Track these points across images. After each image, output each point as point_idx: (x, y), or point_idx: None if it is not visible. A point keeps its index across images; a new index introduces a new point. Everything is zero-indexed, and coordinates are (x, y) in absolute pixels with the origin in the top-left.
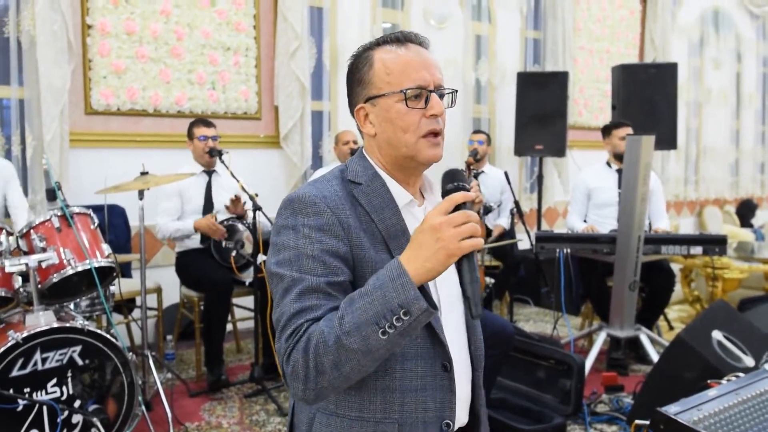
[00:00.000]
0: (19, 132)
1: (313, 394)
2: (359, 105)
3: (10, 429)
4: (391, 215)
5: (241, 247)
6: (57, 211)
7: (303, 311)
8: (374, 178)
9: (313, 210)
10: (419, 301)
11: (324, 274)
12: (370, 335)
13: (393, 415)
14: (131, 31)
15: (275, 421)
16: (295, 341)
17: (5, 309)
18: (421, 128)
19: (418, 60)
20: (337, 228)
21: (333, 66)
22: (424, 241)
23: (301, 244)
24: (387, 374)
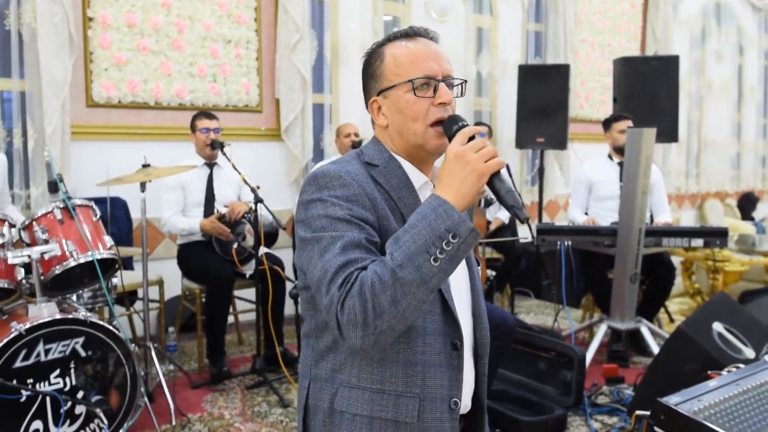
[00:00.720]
0: (20, 125)
1: (373, 338)
2: (372, 98)
3: (14, 420)
4: (409, 195)
5: (243, 239)
6: (59, 203)
7: (349, 262)
8: (390, 161)
9: (339, 182)
10: (465, 222)
11: (361, 233)
12: (423, 264)
13: (414, 389)
14: (132, 23)
15: (277, 412)
16: (347, 288)
17: (8, 301)
18: (429, 117)
19: (426, 52)
20: (364, 199)
21: (334, 59)
22: (452, 169)
23: (331, 212)
24: (409, 347)
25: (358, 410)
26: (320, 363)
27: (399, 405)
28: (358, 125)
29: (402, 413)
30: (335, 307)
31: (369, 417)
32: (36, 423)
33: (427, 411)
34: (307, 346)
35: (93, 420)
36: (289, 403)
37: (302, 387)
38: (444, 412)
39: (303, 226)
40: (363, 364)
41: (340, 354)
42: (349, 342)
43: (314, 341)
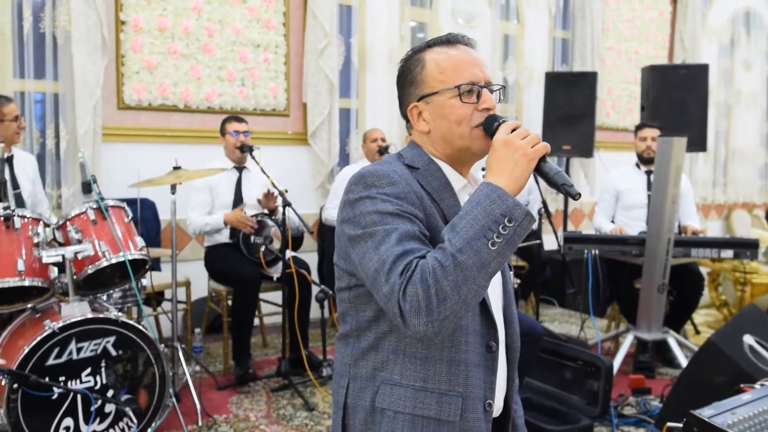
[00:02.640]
0: (53, 126)
1: (437, 324)
2: (412, 104)
3: (46, 416)
4: (449, 197)
5: (270, 242)
6: (92, 203)
7: (407, 252)
8: (430, 163)
9: (387, 181)
10: (519, 206)
11: (414, 225)
12: (481, 248)
13: (458, 388)
14: (163, 27)
15: (302, 416)
16: (408, 276)
17: (41, 299)
18: (474, 120)
19: (468, 58)
20: (412, 196)
21: (361, 64)
22: (501, 156)
23: (381, 207)
24: (453, 346)
25: (400, 407)
26: (360, 362)
27: (442, 403)
28: (384, 130)
29: (445, 411)
30: (397, 295)
31: (411, 414)
32: (67, 420)
33: (469, 410)
34: (346, 345)
35: (122, 419)
36: (314, 407)
37: (340, 386)
38: (481, 413)
39: (351, 225)
40: (406, 362)
41: (382, 352)
42: (412, 329)
43: (354, 340)
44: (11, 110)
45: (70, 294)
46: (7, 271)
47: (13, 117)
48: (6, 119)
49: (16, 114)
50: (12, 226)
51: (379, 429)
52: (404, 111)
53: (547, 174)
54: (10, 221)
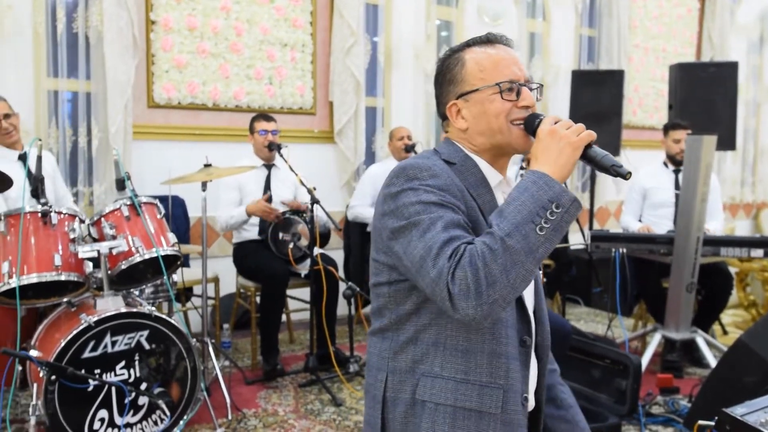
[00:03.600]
0: (85, 124)
1: (487, 308)
2: (451, 102)
3: (82, 408)
4: (486, 192)
5: (298, 239)
6: (126, 200)
7: (453, 238)
8: (466, 159)
9: (429, 173)
10: (567, 193)
11: (457, 215)
12: (529, 233)
13: (499, 380)
14: (193, 26)
15: (330, 411)
16: (457, 260)
17: (77, 293)
18: (512, 116)
19: (507, 57)
20: (454, 189)
21: (387, 62)
22: (546, 146)
23: (424, 198)
24: (494, 338)
25: (441, 399)
26: (399, 355)
27: (483, 395)
28: (410, 129)
29: (486, 404)
30: (446, 278)
31: (452, 406)
32: (102, 412)
33: (510, 402)
34: (384, 339)
35: (155, 411)
36: (342, 402)
37: (377, 380)
38: (520, 406)
39: (393, 217)
40: (446, 355)
41: (422, 345)
42: (461, 312)
43: (393, 334)
44: None
45: (105, 289)
46: (44, 266)
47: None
48: None
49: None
50: (49, 222)
51: (420, 421)
52: (442, 109)
53: (594, 158)
54: (47, 217)
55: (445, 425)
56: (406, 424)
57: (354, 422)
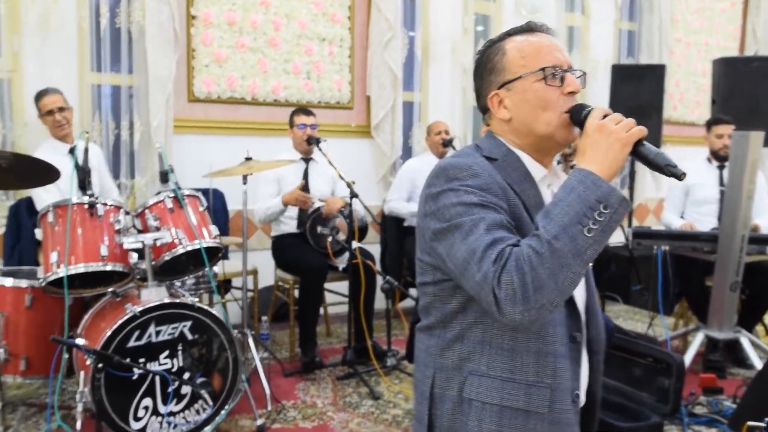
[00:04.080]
0: (128, 118)
1: (535, 313)
2: (493, 92)
3: (127, 396)
4: (530, 187)
5: (336, 233)
6: (170, 192)
7: (498, 240)
8: (508, 154)
9: (469, 173)
10: (615, 193)
11: (500, 215)
12: (577, 235)
13: (546, 379)
14: (232, 21)
15: (368, 404)
16: (503, 264)
17: (121, 284)
18: (559, 106)
19: (549, 43)
20: (495, 188)
21: (425, 57)
22: (595, 142)
23: (465, 199)
24: (540, 336)
25: (488, 398)
26: (446, 353)
27: (530, 394)
28: (447, 123)
29: (533, 403)
30: (491, 283)
31: (499, 405)
32: (146, 400)
33: (557, 402)
34: (431, 336)
35: (197, 401)
36: (380, 396)
37: (425, 377)
38: (569, 404)
39: (435, 218)
40: (492, 353)
41: (468, 343)
42: (508, 318)
43: (440, 332)
44: (44, 104)
45: (149, 279)
46: (91, 257)
47: (47, 111)
48: (41, 113)
49: (50, 108)
50: (96, 213)
51: (467, 419)
52: (483, 101)
53: (646, 157)
54: (94, 208)
55: (492, 424)
56: (453, 420)
57: (392, 416)
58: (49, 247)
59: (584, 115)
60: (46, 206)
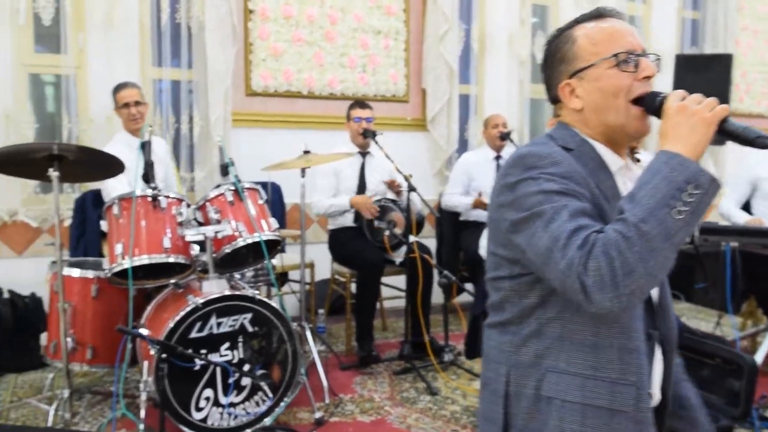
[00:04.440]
0: (187, 112)
1: (625, 300)
2: (564, 82)
3: (188, 386)
4: (607, 178)
5: (393, 227)
6: (230, 185)
7: (583, 227)
8: (583, 143)
9: (550, 160)
10: (704, 173)
11: (583, 203)
12: (665, 218)
13: (630, 377)
14: (289, 15)
15: (425, 400)
16: (588, 249)
17: (183, 275)
18: (633, 91)
19: (621, 28)
20: (577, 176)
21: (481, 49)
22: (677, 124)
23: (546, 187)
24: (624, 332)
25: (569, 396)
26: (522, 349)
27: (615, 392)
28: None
29: (618, 401)
30: (577, 269)
31: (581, 404)
32: (207, 391)
33: (642, 400)
34: (504, 333)
35: (257, 392)
36: (437, 391)
37: (498, 375)
38: (648, 402)
39: (513, 209)
40: (573, 349)
41: (546, 339)
42: (597, 305)
43: (516, 327)
44: (121, 97)
45: (210, 271)
46: (154, 248)
47: (123, 104)
48: (117, 105)
49: (126, 101)
50: (158, 205)
51: (545, 418)
52: (553, 92)
53: (734, 133)
54: (156, 201)
55: (574, 423)
56: (529, 419)
57: (450, 412)
58: (114, 239)
59: (658, 101)
60: (112, 199)
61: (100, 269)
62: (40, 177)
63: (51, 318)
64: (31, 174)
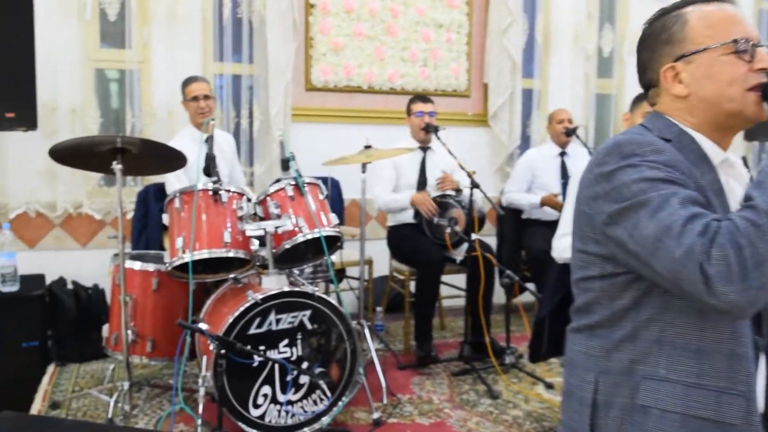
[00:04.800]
0: (248, 107)
1: (753, 293)
2: (667, 65)
3: (247, 383)
4: (708, 171)
5: (455, 224)
6: (290, 180)
7: (698, 214)
8: (682, 134)
9: (651, 148)
10: None
11: (693, 192)
12: None
13: (740, 386)
14: (350, 9)
15: (486, 403)
16: (711, 237)
17: (242, 270)
18: (748, 81)
19: (737, 14)
20: (682, 165)
21: (545, 43)
22: None
23: (650, 174)
24: (734, 336)
25: (669, 406)
26: (614, 354)
27: (722, 403)
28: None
29: (725, 413)
30: (697, 258)
31: (683, 414)
32: (265, 388)
33: (752, 412)
34: (592, 337)
35: (315, 391)
36: (498, 395)
37: (585, 382)
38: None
39: (609, 199)
40: (673, 354)
41: (641, 343)
42: (720, 298)
43: (606, 331)
44: (191, 90)
45: (270, 267)
46: (214, 243)
47: (192, 97)
48: (186, 98)
49: (196, 94)
50: (219, 199)
51: (641, 429)
52: (650, 75)
53: None
54: (217, 195)
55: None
56: (621, 430)
57: (512, 417)
58: (175, 233)
59: None
60: (173, 192)
61: (161, 262)
62: (104, 170)
63: (112, 310)
64: (95, 167)
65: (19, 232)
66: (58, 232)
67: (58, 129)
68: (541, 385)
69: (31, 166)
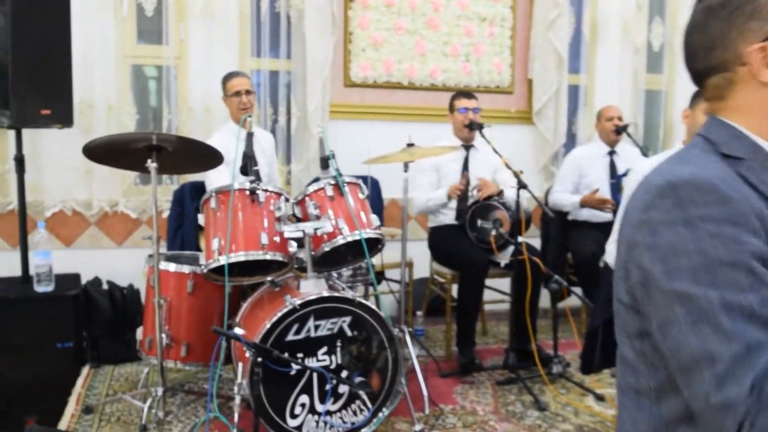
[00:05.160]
0: (285, 103)
1: None
2: (756, 45)
3: (284, 391)
4: None
5: (500, 226)
6: (330, 179)
7: (750, 352)
8: (756, 150)
9: (714, 197)
10: None
11: (755, 288)
12: None
13: None
14: (390, 3)
15: (533, 415)
16: (765, 400)
17: (280, 273)
18: None
19: None
20: (752, 220)
21: (593, 36)
22: None
23: (707, 247)
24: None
25: None
26: None
27: None
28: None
29: None
30: (738, 421)
31: None
32: (303, 397)
33: None
34: (639, 408)
35: (355, 401)
36: (546, 407)
37: None
38: None
39: (649, 256)
40: None
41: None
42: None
43: (652, 404)
44: (232, 85)
45: (309, 270)
46: (251, 244)
47: (234, 92)
48: (227, 93)
49: (237, 89)
50: (257, 199)
51: None
52: (723, 56)
53: None
54: (255, 194)
55: None
56: None
57: (562, 431)
58: (211, 234)
59: None
60: (209, 191)
61: (196, 264)
62: (139, 168)
63: (147, 313)
64: (131, 165)
65: (55, 231)
66: (94, 231)
67: (95, 126)
68: (591, 397)
69: (67, 163)
